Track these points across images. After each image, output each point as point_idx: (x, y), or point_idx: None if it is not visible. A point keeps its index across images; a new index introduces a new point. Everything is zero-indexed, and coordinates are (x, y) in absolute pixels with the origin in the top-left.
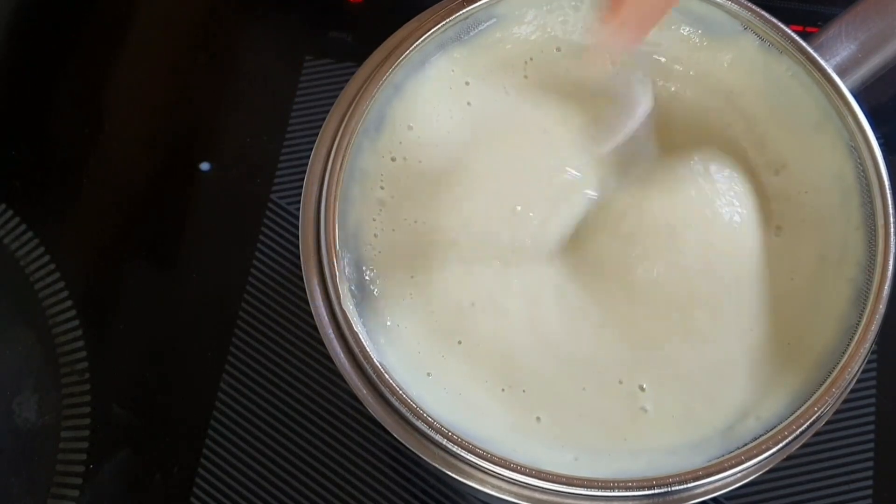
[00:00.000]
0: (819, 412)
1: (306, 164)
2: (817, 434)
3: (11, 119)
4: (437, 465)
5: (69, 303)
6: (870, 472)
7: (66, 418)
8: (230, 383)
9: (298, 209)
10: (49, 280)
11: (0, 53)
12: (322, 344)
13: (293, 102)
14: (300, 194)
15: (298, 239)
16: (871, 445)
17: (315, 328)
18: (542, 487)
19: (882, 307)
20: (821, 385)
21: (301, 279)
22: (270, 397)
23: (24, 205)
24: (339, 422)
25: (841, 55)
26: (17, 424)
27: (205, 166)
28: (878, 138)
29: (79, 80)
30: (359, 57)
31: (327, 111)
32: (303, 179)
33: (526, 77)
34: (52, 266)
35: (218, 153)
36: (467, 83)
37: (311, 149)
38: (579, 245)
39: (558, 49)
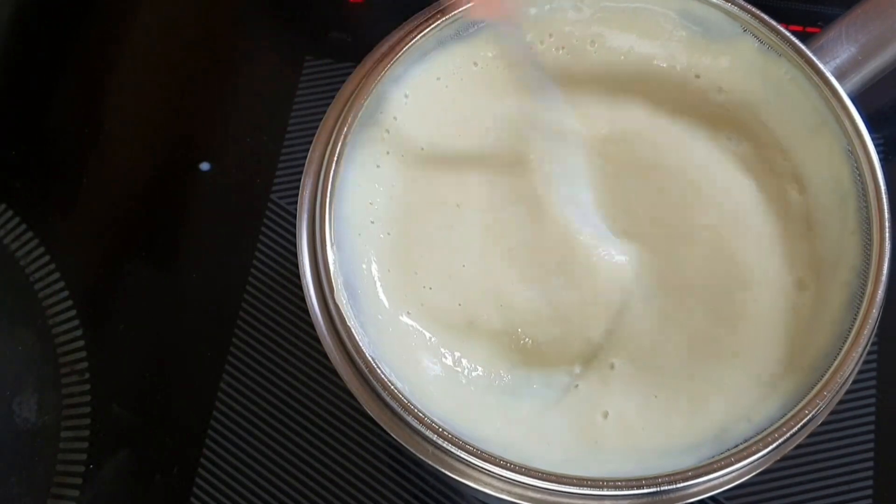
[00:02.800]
0: (811, 414)
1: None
2: (816, 435)
3: (11, 119)
4: (428, 461)
5: (69, 303)
6: (870, 473)
7: (66, 418)
8: (230, 383)
9: None
10: (49, 280)
11: (0, 53)
12: (321, 343)
13: (293, 102)
14: None
15: (297, 251)
16: (872, 446)
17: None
18: (533, 485)
19: (876, 311)
20: (813, 388)
21: (300, 278)
22: (270, 397)
23: (24, 205)
24: (339, 422)
25: (841, 58)
26: (17, 424)
27: (205, 166)
28: (877, 141)
29: (79, 79)
30: (359, 57)
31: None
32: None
33: (525, 74)
34: (52, 266)
35: (218, 153)
36: (466, 79)
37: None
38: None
39: (562, 48)
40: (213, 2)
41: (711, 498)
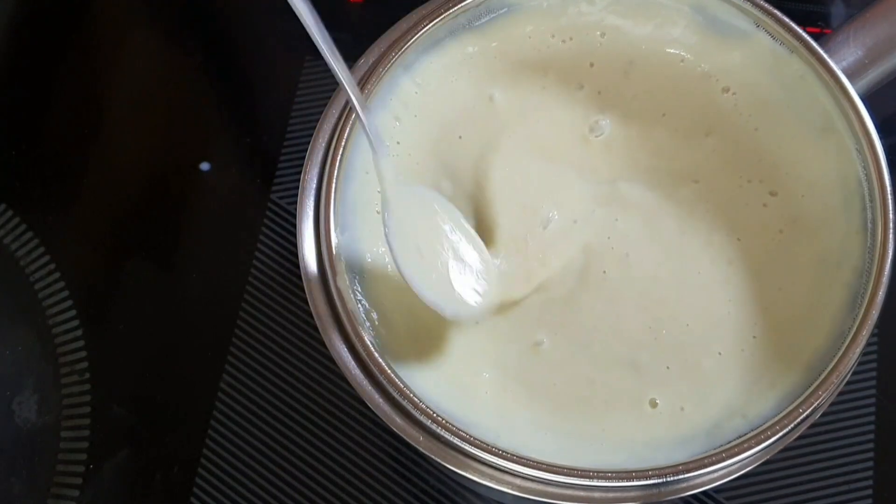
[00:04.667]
0: (805, 413)
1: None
2: (817, 433)
3: (11, 119)
4: (421, 449)
5: (69, 303)
6: (870, 472)
7: (66, 418)
8: (230, 383)
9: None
10: (49, 280)
11: (0, 53)
12: (323, 344)
13: (293, 102)
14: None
15: (297, 234)
16: (872, 445)
17: (316, 328)
18: (525, 474)
19: (875, 313)
20: (809, 386)
21: (301, 278)
22: (270, 397)
23: (24, 205)
24: (340, 422)
25: (848, 60)
26: (17, 424)
27: (205, 166)
28: (884, 147)
29: (79, 80)
30: (358, 57)
31: None
32: None
33: (534, 65)
34: (52, 266)
35: (218, 153)
36: (473, 71)
37: None
38: (583, 243)
39: (570, 39)
40: (214, 2)
41: (708, 495)
